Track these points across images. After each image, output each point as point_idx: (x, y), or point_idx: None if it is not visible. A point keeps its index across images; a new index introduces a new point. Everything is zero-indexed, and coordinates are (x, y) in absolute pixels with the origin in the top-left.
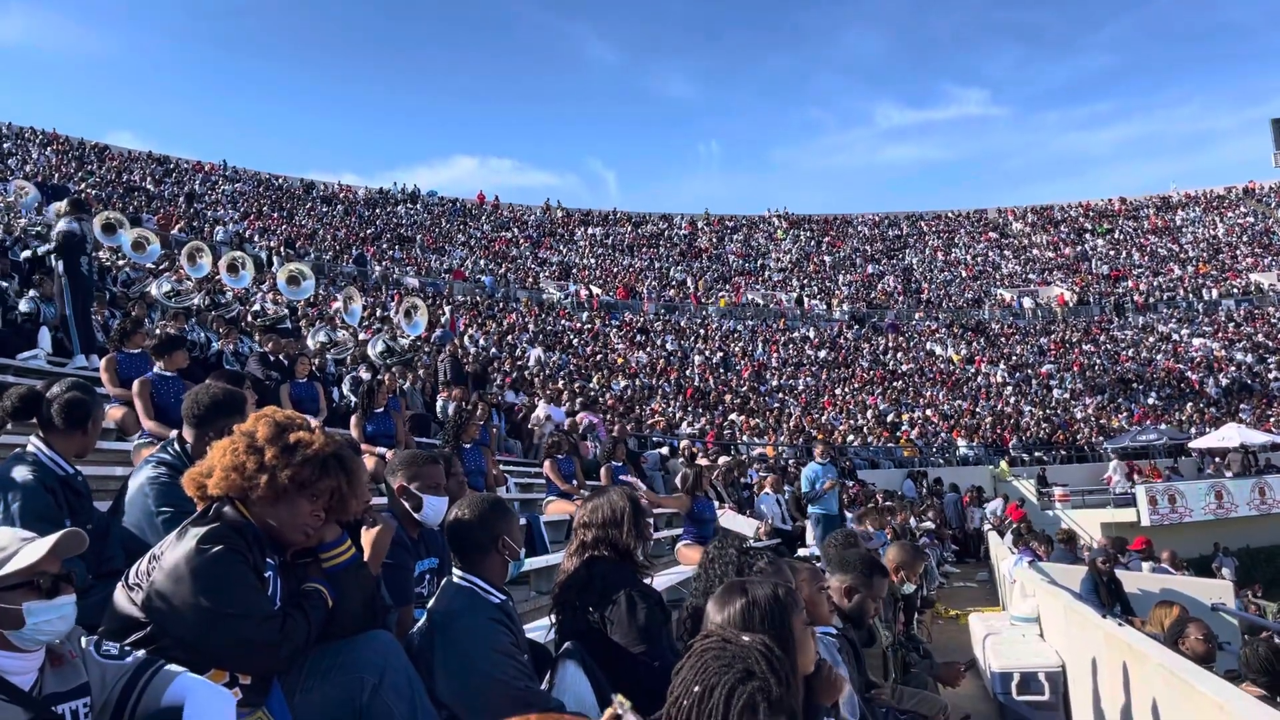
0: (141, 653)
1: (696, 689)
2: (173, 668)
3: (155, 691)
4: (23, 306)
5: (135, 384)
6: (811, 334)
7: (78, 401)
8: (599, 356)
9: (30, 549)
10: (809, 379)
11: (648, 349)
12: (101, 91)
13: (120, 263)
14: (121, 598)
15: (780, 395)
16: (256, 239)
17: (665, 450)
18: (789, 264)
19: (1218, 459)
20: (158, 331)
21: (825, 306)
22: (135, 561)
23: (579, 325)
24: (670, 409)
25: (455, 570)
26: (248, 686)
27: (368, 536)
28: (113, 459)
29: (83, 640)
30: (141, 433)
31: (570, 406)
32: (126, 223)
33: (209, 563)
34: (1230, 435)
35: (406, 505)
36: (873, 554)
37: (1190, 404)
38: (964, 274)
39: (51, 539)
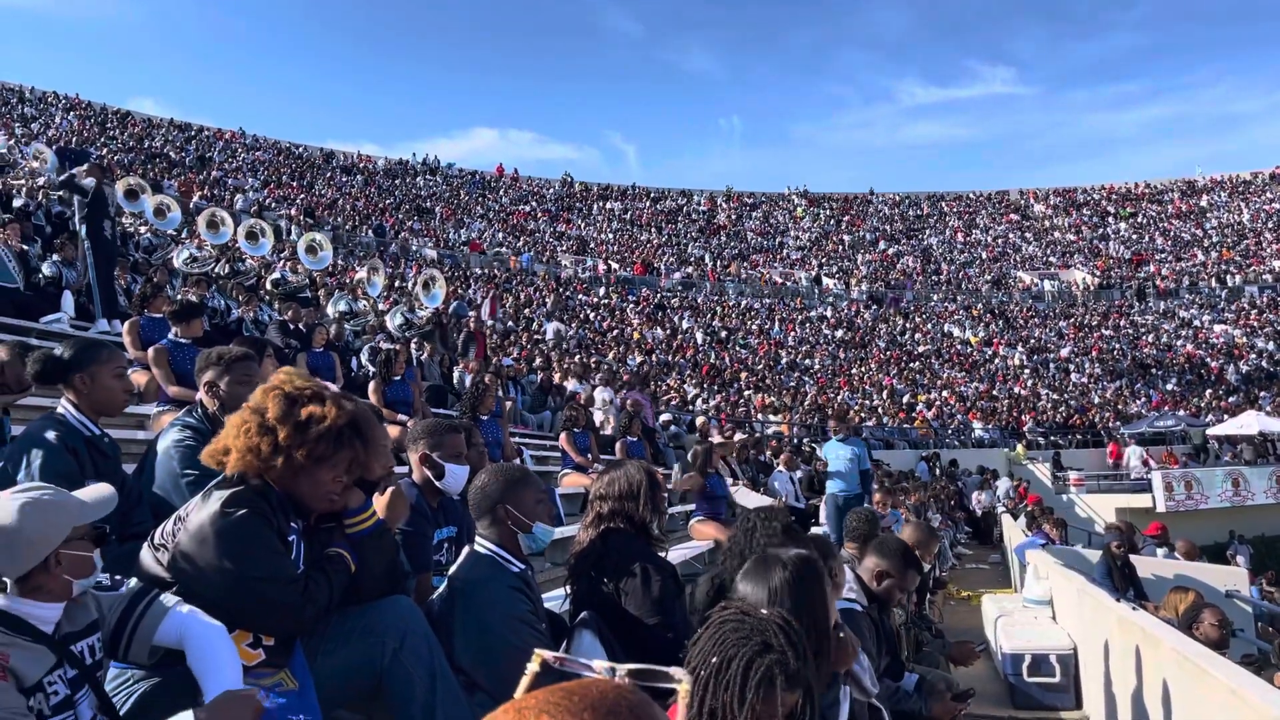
0: (134, 581)
1: (714, 660)
2: (167, 598)
3: (151, 621)
4: (45, 270)
5: (150, 351)
6: (829, 313)
7: (61, 357)
8: (615, 332)
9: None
10: (825, 358)
11: (664, 325)
12: (124, 58)
13: (142, 229)
14: (148, 558)
15: (796, 374)
16: (276, 207)
17: (674, 427)
18: (808, 242)
19: (1236, 446)
20: (178, 298)
21: (844, 286)
22: (162, 523)
23: (596, 300)
24: (684, 385)
25: (478, 538)
26: (271, 647)
27: (380, 501)
28: (133, 423)
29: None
30: (161, 399)
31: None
32: (149, 189)
33: (233, 526)
34: (1249, 423)
35: (429, 473)
36: (908, 545)
37: (1209, 391)
38: (984, 255)
39: (92, 490)
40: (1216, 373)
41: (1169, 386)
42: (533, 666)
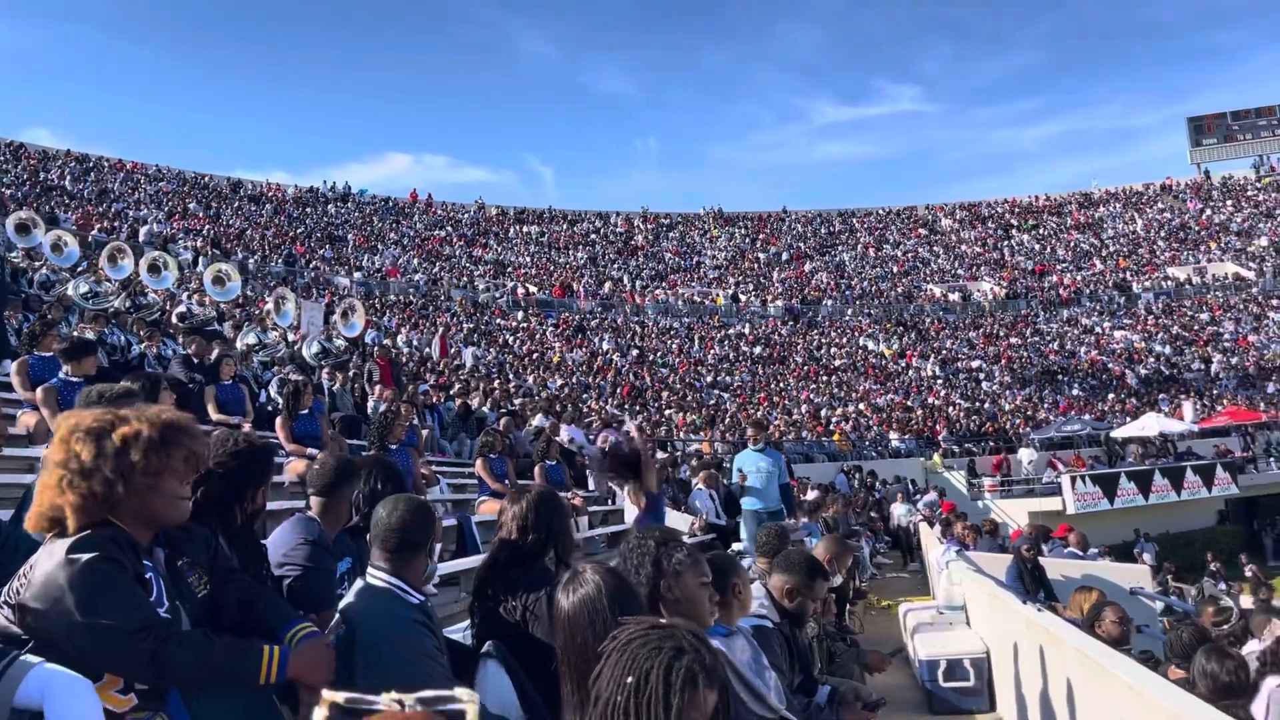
0: None
1: (630, 680)
2: (29, 658)
3: (8, 685)
4: None
5: (39, 391)
6: (747, 330)
7: None
8: (535, 355)
9: None
10: (745, 375)
11: (583, 347)
12: (18, 86)
13: (37, 264)
14: (0, 616)
15: (716, 391)
16: (182, 239)
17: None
18: (724, 261)
19: (1139, 447)
20: (73, 335)
21: (760, 303)
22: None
23: (514, 324)
24: (606, 407)
25: (374, 570)
26: (144, 692)
27: (309, 658)
28: (23, 466)
29: None
30: (51, 440)
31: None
32: (42, 223)
33: (80, 572)
34: (1149, 424)
35: (351, 509)
36: (813, 556)
37: (1112, 395)
38: (895, 270)
39: None
40: (1118, 377)
41: (1074, 392)
42: (321, 711)
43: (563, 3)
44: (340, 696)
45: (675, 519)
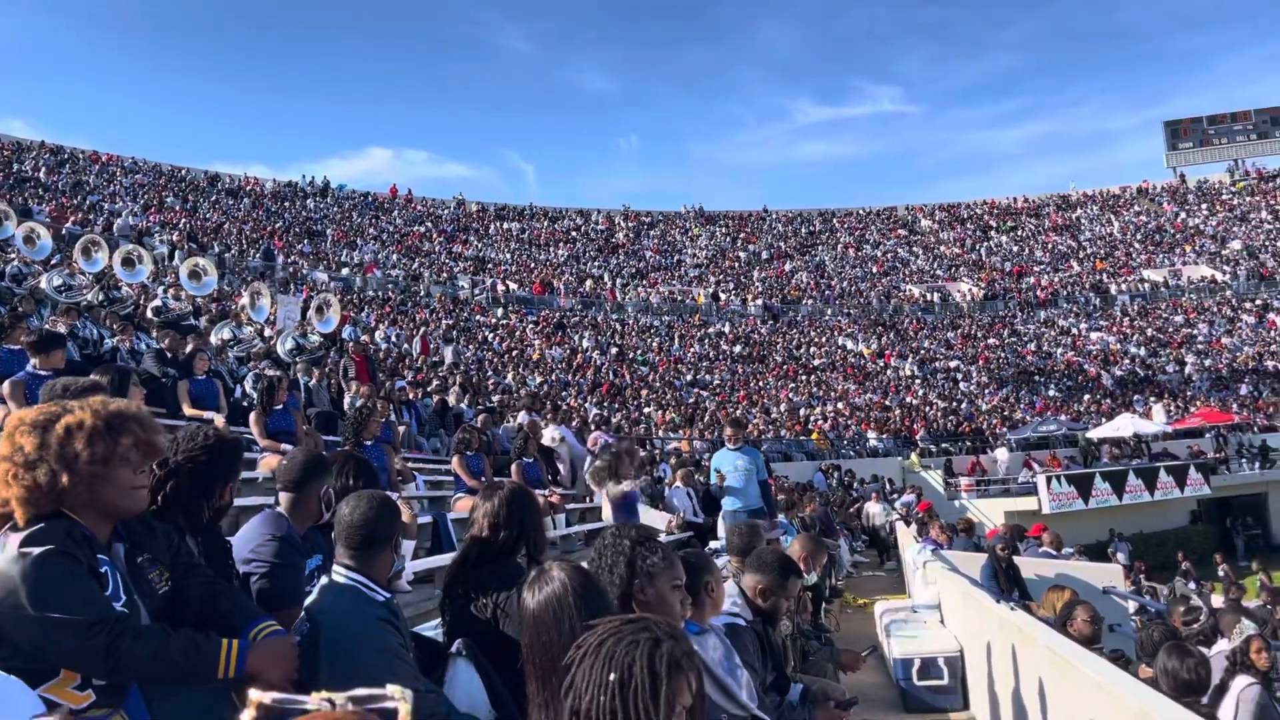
0: None
1: (612, 677)
2: None
3: None
4: None
5: (6, 385)
6: (726, 329)
7: None
8: (514, 352)
9: None
10: (724, 373)
11: (563, 344)
12: None
13: (10, 256)
14: None
15: (695, 390)
16: (157, 232)
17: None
18: (705, 260)
19: (1114, 448)
20: (42, 328)
21: (740, 302)
22: None
23: (494, 321)
24: (585, 404)
25: (338, 567)
26: (102, 688)
27: (268, 653)
28: None
29: None
30: None
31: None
32: (14, 215)
33: (33, 565)
34: (1124, 425)
35: (320, 504)
36: (787, 555)
37: (1088, 395)
38: (875, 270)
39: None
40: (1094, 378)
41: (1050, 392)
42: (249, 713)
43: (544, 0)
44: (268, 697)
45: (652, 516)
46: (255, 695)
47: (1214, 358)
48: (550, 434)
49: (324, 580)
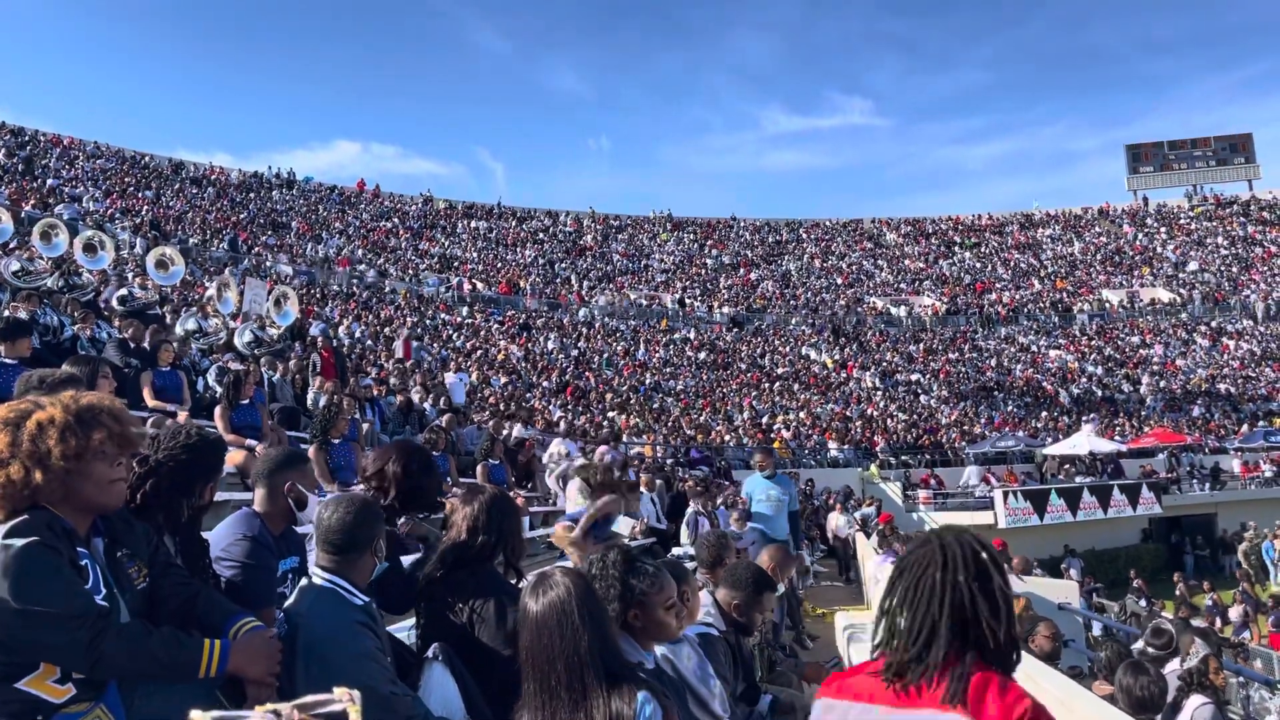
0: None
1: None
2: None
3: None
4: None
5: None
6: (692, 335)
7: None
8: (479, 351)
9: None
10: (688, 379)
11: (528, 345)
12: None
13: None
14: None
15: (660, 395)
16: (119, 219)
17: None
18: (672, 265)
19: (1068, 465)
20: (6, 315)
21: (706, 309)
22: None
23: (459, 319)
24: (550, 406)
25: (317, 570)
26: (81, 682)
27: (251, 650)
28: None
29: None
30: None
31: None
32: None
33: (15, 557)
34: (1080, 443)
35: (291, 502)
36: (761, 569)
37: (1045, 412)
38: (839, 281)
39: None
40: (1052, 395)
41: (1009, 408)
42: None
43: None
44: (208, 716)
45: (617, 521)
46: (196, 715)
47: (1168, 379)
48: (557, 448)
49: (303, 582)
